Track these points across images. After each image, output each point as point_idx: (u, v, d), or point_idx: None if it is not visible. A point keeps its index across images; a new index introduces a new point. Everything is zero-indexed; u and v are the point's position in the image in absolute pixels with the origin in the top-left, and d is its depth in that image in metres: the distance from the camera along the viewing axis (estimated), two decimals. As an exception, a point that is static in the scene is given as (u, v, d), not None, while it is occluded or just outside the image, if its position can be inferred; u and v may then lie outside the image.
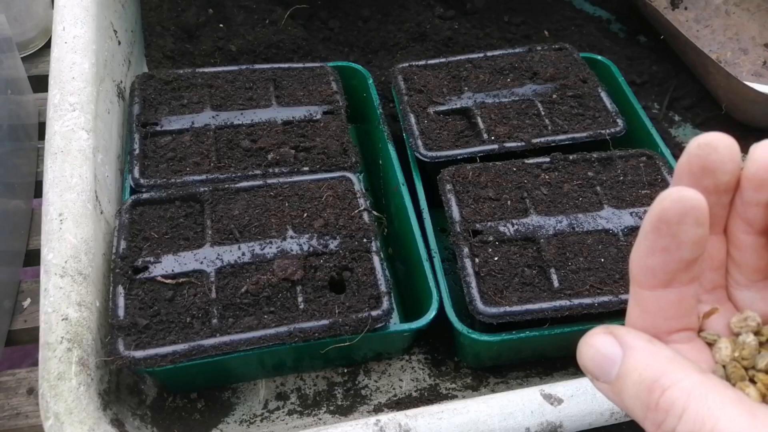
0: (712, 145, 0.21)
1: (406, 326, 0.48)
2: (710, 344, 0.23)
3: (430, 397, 0.52)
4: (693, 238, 0.21)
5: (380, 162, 0.62)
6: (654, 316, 0.22)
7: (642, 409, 0.20)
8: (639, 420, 0.21)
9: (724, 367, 0.23)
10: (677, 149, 0.69)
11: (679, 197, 0.20)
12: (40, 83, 0.71)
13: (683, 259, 0.21)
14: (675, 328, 0.23)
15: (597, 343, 0.22)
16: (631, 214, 0.53)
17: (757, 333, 0.23)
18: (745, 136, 0.73)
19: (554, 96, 0.62)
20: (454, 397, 0.52)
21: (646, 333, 0.22)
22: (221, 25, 0.73)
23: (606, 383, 0.22)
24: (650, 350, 0.21)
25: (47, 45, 0.78)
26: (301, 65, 0.64)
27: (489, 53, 0.67)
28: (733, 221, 0.23)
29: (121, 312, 0.45)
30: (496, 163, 0.56)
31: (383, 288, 0.48)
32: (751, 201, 0.22)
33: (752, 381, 0.22)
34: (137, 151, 0.55)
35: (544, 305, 0.47)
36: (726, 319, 0.24)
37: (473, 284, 0.48)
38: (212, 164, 0.55)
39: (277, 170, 0.55)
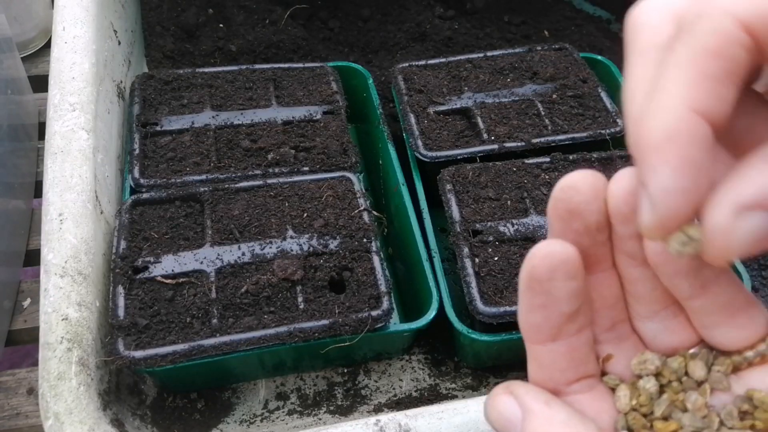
0: (575, 187, 0.21)
1: (406, 326, 0.48)
2: (613, 389, 0.23)
3: (430, 397, 0.52)
4: (568, 292, 0.21)
5: (380, 162, 0.62)
6: (549, 369, 0.22)
7: None
8: None
9: (625, 416, 0.22)
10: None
11: (547, 253, 0.20)
12: (40, 83, 0.71)
13: (563, 313, 0.21)
14: (572, 379, 0.22)
15: (498, 406, 0.22)
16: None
17: (657, 375, 0.23)
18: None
19: (554, 96, 0.62)
20: (454, 397, 0.52)
21: (546, 387, 0.22)
22: (221, 25, 0.73)
23: None
24: (546, 415, 0.21)
25: (47, 45, 0.78)
26: (301, 65, 0.64)
27: (489, 53, 0.67)
28: (618, 256, 0.22)
29: (121, 312, 0.45)
30: (496, 163, 0.56)
31: (383, 288, 0.48)
32: (624, 235, 0.21)
33: (651, 429, 0.22)
34: (137, 151, 0.55)
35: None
36: (628, 358, 0.23)
37: (473, 284, 0.48)
38: (212, 164, 0.55)
39: (277, 170, 0.55)
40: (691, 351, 0.23)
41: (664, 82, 0.18)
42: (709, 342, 0.22)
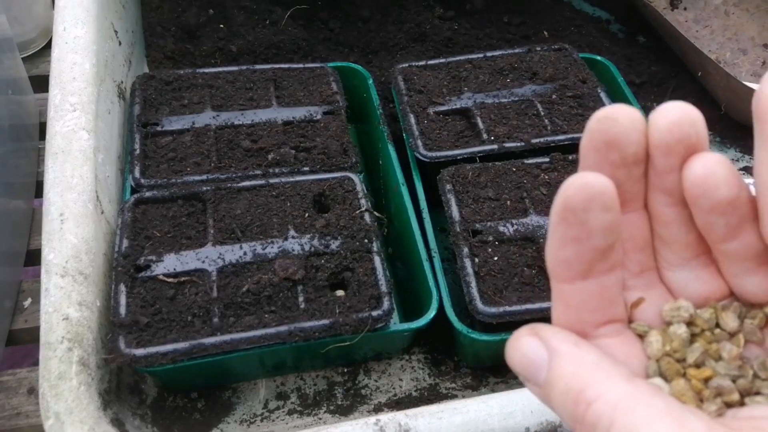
0: (612, 118, 0.20)
1: (406, 326, 0.48)
2: (641, 336, 0.22)
3: (430, 396, 0.52)
4: (603, 225, 0.20)
5: (380, 162, 0.62)
6: (577, 310, 0.21)
7: (571, 420, 0.19)
8: (569, 426, 0.20)
9: (657, 362, 0.22)
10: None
11: (583, 183, 0.19)
12: (41, 83, 0.72)
13: (597, 248, 0.20)
14: (601, 321, 0.22)
15: (523, 347, 0.21)
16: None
17: (689, 323, 0.22)
18: (745, 136, 0.73)
19: (554, 96, 0.62)
20: (454, 397, 0.52)
21: (573, 329, 0.21)
22: (222, 26, 0.74)
23: (536, 386, 0.21)
24: (575, 356, 0.20)
25: (48, 45, 0.78)
26: (301, 65, 0.64)
27: (489, 53, 0.67)
28: (653, 196, 0.22)
29: (122, 310, 0.45)
30: (496, 163, 0.56)
31: (384, 288, 0.48)
32: (665, 169, 0.21)
33: (685, 376, 0.21)
34: (138, 151, 0.55)
35: (544, 305, 0.47)
36: (657, 306, 0.23)
37: (473, 284, 0.48)
38: (213, 164, 0.55)
39: (277, 170, 0.55)
40: (722, 303, 0.22)
41: None
42: (740, 293, 0.22)
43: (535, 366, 0.20)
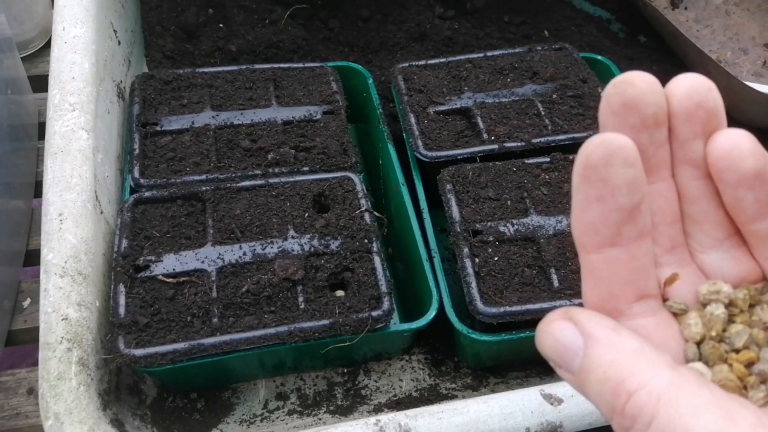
0: (629, 81, 0.20)
1: (406, 326, 0.48)
2: (676, 314, 0.22)
3: (430, 397, 0.52)
4: (625, 180, 0.19)
5: (380, 162, 0.62)
6: (608, 282, 0.20)
7: (607, 410, 0.19)
8: (604, 416, 0.19)
9: (698, 345, 0.21)
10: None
11: (602, 140, 0.19)
12: (40, 83, 0.71)
13: (622, 207, 0.20)
14: (633, 296, 0.21)
15: (556, 332, 0.20)
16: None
17: (728, 305, 0.21)
18: (745, 136, 0.73)
19: (554, 96, 0.62)
20: (454, 397, 0.52)
21: (605, 307, 0.21)
22: (221, 25, 0.73)
23: (569, 373, 0.20)
24: (614, 343, 0.19)
25: (47, 45, 0.78)
26: (301, 65, 0.64)
27: (489, 53, 0.67)
28: (679, 170, 0.21)
29: (121, 310, 0.45)
30: (496, 163, 0.56)
31: (384, 288, 0.48)
32: (687, 137, 0.21)
33: (726, 361, 0.20)
34: (137, 151, 0.55)
35: (544, 305, 0.47)
36: (692, 284, 0.22)
37: (473, 284, 0.48)
38: (212, 164, 0.55)
39: (276, 170, 0.55)
40: (757, 286, 0.22)
41: None
42: None
43: (569, 352, 0.20)
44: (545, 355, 0.21)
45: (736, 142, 0.20)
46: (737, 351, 0.20)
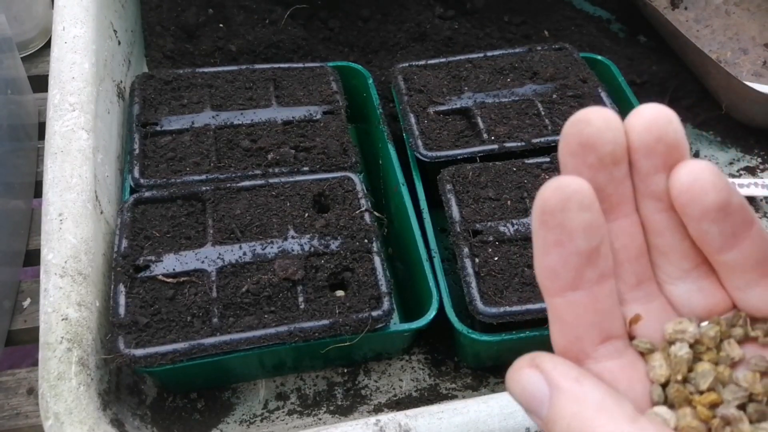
0: (585, 120, 0.20)
1: (406, 326, 0.48)
2: (642, 353, 0.22)
3: (430, 397, 0.52)
4: (582, 224, 0.19)
5: (380, 162, 0.62)
6: (572, 326, 0.21)
7: None
8: None
9: (663, 387, 0.21)
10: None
11: (558, 185, 0.19)
12: (40, 83, 0.71)
13: (581, 251, 0.20)
14: (599, 338, 0.21)
15: (523, 380, 0.20)
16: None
17: (693, 344, 0.21)
18: (745, 136, 0.73)
19: (554, 96, 0.62)
20: (454, 397, 0.52)
21: (572, 350, 0.21)
22: (221, 25, 0.73)
23: (538, 419, 0.20)
24: (577, 394, 0.19)
25: (47, 45, 0.78)
26: (301, 65, 0.64)
27: (489, 53, 0.67)
28: (642, 203, 0.21)
29: (121, 310, 0.45)
30: (496, 163, 0.56)
31: (384, 288, 0.48)
32: (649, 171, 0.20)
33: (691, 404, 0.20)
34: (137, 151, 0.55)
35: (544, 305, 0.47)
36: (659, 319, 0.22)
37: (473, 284, 0.48)
38: (212, 164, 0.55)
39: (276, 170, 0.55)
40: (726, 316, 0.21)
41: None
42: (743, 307, 0.21)
43: (536, 401, 0.20)
44: (516, 401, 0.21)
45: (698, 175, 0.20)
46: (702, 392, 0.20)
